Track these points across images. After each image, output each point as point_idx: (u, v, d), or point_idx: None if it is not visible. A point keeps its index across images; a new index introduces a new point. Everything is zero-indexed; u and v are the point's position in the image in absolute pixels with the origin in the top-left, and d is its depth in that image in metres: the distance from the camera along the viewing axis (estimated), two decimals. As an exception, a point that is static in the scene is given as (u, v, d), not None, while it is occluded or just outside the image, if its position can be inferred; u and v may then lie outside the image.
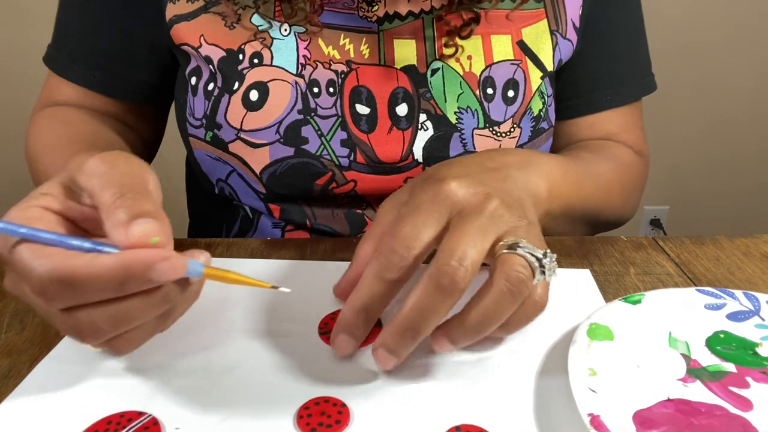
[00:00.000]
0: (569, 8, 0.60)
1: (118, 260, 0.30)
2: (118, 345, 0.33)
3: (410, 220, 0.36)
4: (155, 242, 0.31)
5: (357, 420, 0.34)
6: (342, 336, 0.37)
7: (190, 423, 0.33)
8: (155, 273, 0.30)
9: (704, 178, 1.91)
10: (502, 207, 0.37)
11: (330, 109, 0.55)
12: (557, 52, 0.60)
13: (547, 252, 0.36)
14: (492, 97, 0.57)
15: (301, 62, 0.55)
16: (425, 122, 0.56)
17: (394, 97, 0.56)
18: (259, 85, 0.54)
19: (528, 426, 0.33)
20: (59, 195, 0.34)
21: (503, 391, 0.36)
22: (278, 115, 0.54)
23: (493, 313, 0.34)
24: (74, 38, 0.62)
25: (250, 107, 0.54)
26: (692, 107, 1.80)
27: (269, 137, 0.55)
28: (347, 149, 0.56)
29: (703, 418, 0.33)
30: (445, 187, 0.38)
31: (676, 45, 1.71)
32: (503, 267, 0.35)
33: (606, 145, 0.65)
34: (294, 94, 0.54)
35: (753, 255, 0.52)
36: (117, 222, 0.31)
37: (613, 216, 0.62)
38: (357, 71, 0.56)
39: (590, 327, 0.38)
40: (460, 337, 0.35)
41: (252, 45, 0.55)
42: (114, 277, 0.30)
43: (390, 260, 0.35)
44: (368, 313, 0.36)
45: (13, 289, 0.33)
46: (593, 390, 0.34)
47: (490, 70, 0.57)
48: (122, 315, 0.31)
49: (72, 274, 0.29)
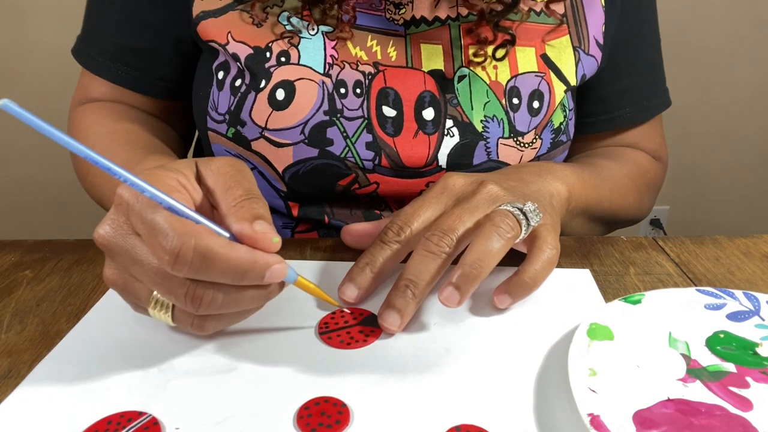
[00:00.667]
0: (591, 25, 0.61)
1: (249, 252, 0.34)
2: (212, 324, 0.37)
3: (413, 205, 0.45)
4: (276, 242, 0.35)
5: (357, 420, 0.34)
6: (347, 284, 0.43)
7: (190, 423, 0.33)
8: (269, 273, 0.34)
9: (704, 178, 1.91)
10: (496, 189, 0.44)
11: (356, 111, 0.55)
12: (580, 68, 0.60)
13: (527, 202, 0.43)
14: (518, 107, 0.57)
15: (328, 62, 0.55)
16: (451, 128, 0.56)
17: (421, 101, 0.56)
18: (285, 83, 0.54)
19: (528, 426, 0.33)
20: (192, 177, 0.37)
21: (503, 391, 0.36)
22: (304, 116, 0.54)
23: (485, 253, 0.40)
24: (102, 33, 0.62)
25: (276, 106, 0.54)
26: (692, 107, 1.79)
27: (294, 137, 0.54)
28: (372, 152, 0.55)
29: (703, 418, 0.33)
30: (447, 180, 0.46)
31: (676, 45, 1.71)
32: (489, 216, 0.41)
33: (623, 151, 0.68)
34: (320, 95, 0.54)
35: (753, 255, 0.52)
36: (243, 217, 0.35)
37: (629, 216, 0.64)
38: (384, 73, 0.56)
39: (590, 327, 0.38)
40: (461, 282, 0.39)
41: (279, 43, 0.55)
42: (242, 265, 0.33)
43: (390, 230, 0.44)
44: (372, 268, 0.43)
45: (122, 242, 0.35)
46: (593, 390, 0.34)
47: (516, 80, 0.57)
48: (238, 299, 0.35)
49: (214, 252, 0.32)
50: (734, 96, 1.81)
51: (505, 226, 0.40)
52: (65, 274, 0.48)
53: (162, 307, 0.36)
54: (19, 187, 1.74)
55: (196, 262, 0.32)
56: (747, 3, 1.71)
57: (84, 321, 0.42)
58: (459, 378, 0.37)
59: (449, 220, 0.42)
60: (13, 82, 1.63)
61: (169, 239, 0.32)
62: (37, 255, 0.51)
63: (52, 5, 1.56)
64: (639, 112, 0.67)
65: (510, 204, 0.42)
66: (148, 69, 0.62)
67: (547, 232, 0.44)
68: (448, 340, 0.40)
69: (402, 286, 0.40)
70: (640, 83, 0.67)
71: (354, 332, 0.40)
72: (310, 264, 0.49)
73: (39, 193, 1.74)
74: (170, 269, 0.32)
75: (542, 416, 0.34)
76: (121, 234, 0.35)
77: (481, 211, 0.43)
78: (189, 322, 0.36)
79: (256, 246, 0.34)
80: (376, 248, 0.44)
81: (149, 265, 0.34)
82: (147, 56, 0.61)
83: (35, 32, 1.59)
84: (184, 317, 0.36)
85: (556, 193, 0.50)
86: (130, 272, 0.36)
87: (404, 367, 0.38)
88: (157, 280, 0.34)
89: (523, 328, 0.42)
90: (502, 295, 0.43)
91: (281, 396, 0.35)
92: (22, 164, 1.71)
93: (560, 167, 0.54)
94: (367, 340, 0.40)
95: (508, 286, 0.42)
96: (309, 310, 0.43)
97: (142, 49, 0.61)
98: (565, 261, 0.50)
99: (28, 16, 1.59)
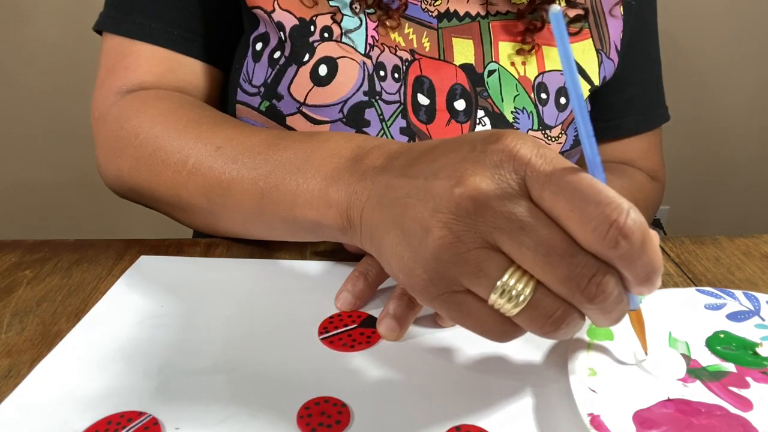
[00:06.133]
0: (612, 31, 0.63)
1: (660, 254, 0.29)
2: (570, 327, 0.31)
3: None
4: None
5: (357, 420, 0.34)
6: (343, 293, 0.42)
7: (190, 423, 0.33)
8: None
9: (704, 178, 1.91)
10: None
11: (394, 95, 0.55)
12: (602, 69, 0.62)
13: None
14: (546, 101, 0.58)
15: (369, 43, 0.55)
16: (483, 118, 0.57)
17: (453, 92, 0.56)
18: (328, 60, 0.53)
19: (528, 426, 0.33)
20: None
21: (503, 391, 0.36)
22: (344, 94, 0.54)
23: None
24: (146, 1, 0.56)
25: (317, 82, 0.53)
26: (692, 107, 1.79)
27: (332, 115, 0.54)
28: (406, 137, 0.55)
29: (703, 418, 0.33)
30: None
31: (676, 45, 1.71)
32: None
33: (622, 167, 0.69)
34: (361, 75, 0.54)
35: (753, 255, 0.52)
36: None
37: None
38: (420, 61, 0.56)
39: (590, 327, 0.39)
40: None
41: (322, 18, 0.54)
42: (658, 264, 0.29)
43: None
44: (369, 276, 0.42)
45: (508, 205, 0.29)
46: (593, 390, 0.34)
47: (543, 77, 0.59)
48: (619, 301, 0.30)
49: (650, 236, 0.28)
50: (734, 96, 1.81)
51: None
52: (65, 274, 0.48)
53: (511, 294, 0.30)
54: (19, 187, 1.74)
55: (637, 242, 0.27)
56: (747, 3, 1.71)
57: (84, 321, 0.42)
58: (459, 378, 0.37)
59: None
60: (13, 82, 1.63)
61: (617, 210, 0.27)
62: (37, 255, 0.51)
63: (52, 5, 1.57)
64: (641, 122, 0.69)
65: None
66: (205, 33, 0.57)
67: None
68: (448, 340, 0.40)
69: (401, 294, 0.40)
70: (644, 95, 0.69)
71: (355, 334, 0.40)
72: (310, 264, 0.49)
73: (39, 193, 1.74)
74: (611, 246, 0.27)
75: (542, 416, 0.34)
76: (508, 194, 0.29)
77: None
78: (549, 312, 0.30)
79: None
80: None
81: (546, 236, 0.28)
82: (201, 21, 0.57)
83: (35, 32, 1.59)
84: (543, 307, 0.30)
85: None
86: (493, 240, 0.29)
87: (404, 367, 0.38)
88: (552, 259, 0.28)
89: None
90: None
91: (281, 396, 0.35)
92: (22, 164, 1.71)
93: None
94: (369, 342, 0.40)
95: None
96: (309, 310, 0.43)
97: (195, 12, 0.56)
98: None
99: (29, 16, 1.59)
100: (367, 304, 0.43)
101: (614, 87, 0.66)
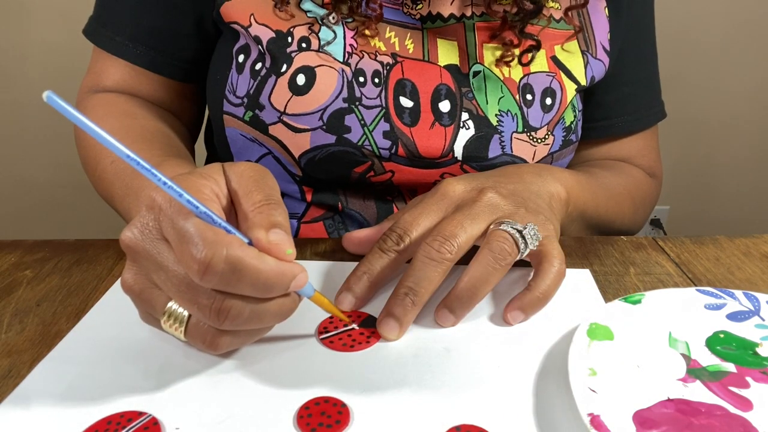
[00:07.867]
0: (597, 32, 0.63)
1: (277, 264, 0.33)
2: (227, 341, 0.35)
3: (411, 211, 0.45)
4: (289, 254, 0.33)
5: (357, 420, 0.34)
6: (345, 293, 0.42)
7: (190, 423, 0.33)
8: (294, 283, 0.33)
9: (704, 178, 1.91)
10: (496, 198, 0.44)
11: (374, 100, 0.55)
12: (589, 70, 0.61)
13: (528, 225, 0.42)
14: (531, 102, 0.58)
15: (347, 50, 0.55)
16: (467, 121, 0.57)
17: (437, 93, 0.56)
18: (306, 69, 0.54)
19: (528, 426, 0.33)
20: (223, 184, 0.36)
21: (503, 391, 0.36)
22: (323, 102, 0.54)
23: (480, 280, 0.41)
24: (120, 12, 0.61)
25: (296, 91, 0.54)
26: (692, 107, 1.79)
27: (312, 123, 0.55)
28: (389, 142, 0.56)
29: (703, 418, 0.33)
30: (447, 187, 0.46)
31: (675, 45, 1.71)
32: (488, 239, 0.41)
33: (619, 164, 0.69)
34: (340, 82, 0.54)
35: (753, 255, 0.52)
36: (259, 224, 0.34)
37: (624, 226, 0.65)
38: (402, 64, 0.56)
39: (590, 327, 0.38)
40: (455, 306, 0.41)
41: (300, 29, 0.55)
42: (271, 278, 0.32)
43: (388, 238, 0.43)
44: (370, 277, 0.43)
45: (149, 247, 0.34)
46: (593, 390, 0.34)
47: (528, 78, 0.58)
48: (262, 314, 0.34)
49: (244, 263, 0.31)
50: (734, 96, 1.81)
51: (503, 252, 0.40)
52: (65, 274, 0.48)
53: (175, 320, 0.35)
54: (18, 187, 1.73)
55: (226, 273, 0.31)
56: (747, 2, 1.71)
57: (84, 321, 0.42)
58: (459, 378, 0.37)
59: (450, 226, 0.41)
60: (13, 82, 1.63)
61: (199, 248, 0.31)
62: (37, 255, 0.51)
63: (53, 5, 1.56)
64: (637, 120, 0.69)
65: (510, 224, 0.42)
66: (167, 50, 0.61)
67: (552, 246, 0.44)
68: (448, 340, 0.40)
69: (401, 294, 0.40)
70: (639, 93, 0.69)
71: (355, 334, 0.40)
72: (310, 264, 0.49)
73: (39, 193, 1.74)
74: (199, 279, 0.31)
75: (542, 416, 0.34)
76: (149, 238, 0.34)
77: (481, 220, 0.43)
78: (203, 338, 0.35)
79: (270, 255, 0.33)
80: (374, 256, 0.43)
81: (174, 273, 0.33)
82: (167, 36, 0.60)
83: (35, 32, 1.59)
84: (198, 332, 0.35)
85: (556, 194, 0.51)
86: (152, 279, 0.35)
87: (404, 367, 0.38)
88: (181, 290, 0.33)
89: (523, 327, 0.42)
90: (514, 311, 0.42)
91: (281, 396, 0.35)
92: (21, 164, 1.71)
93: (559, 169, 0.55)
94: (369, 342, 0.40)
95: (521, 302, 0.42)
96: (309, 310, 0.43)
97: (162, 29, 0.60)
98: (566, 261, 0.50)
99: (29, 15, 1.58)
100: (367, 304, 0.43)
101: (609, 86, 0.65)
